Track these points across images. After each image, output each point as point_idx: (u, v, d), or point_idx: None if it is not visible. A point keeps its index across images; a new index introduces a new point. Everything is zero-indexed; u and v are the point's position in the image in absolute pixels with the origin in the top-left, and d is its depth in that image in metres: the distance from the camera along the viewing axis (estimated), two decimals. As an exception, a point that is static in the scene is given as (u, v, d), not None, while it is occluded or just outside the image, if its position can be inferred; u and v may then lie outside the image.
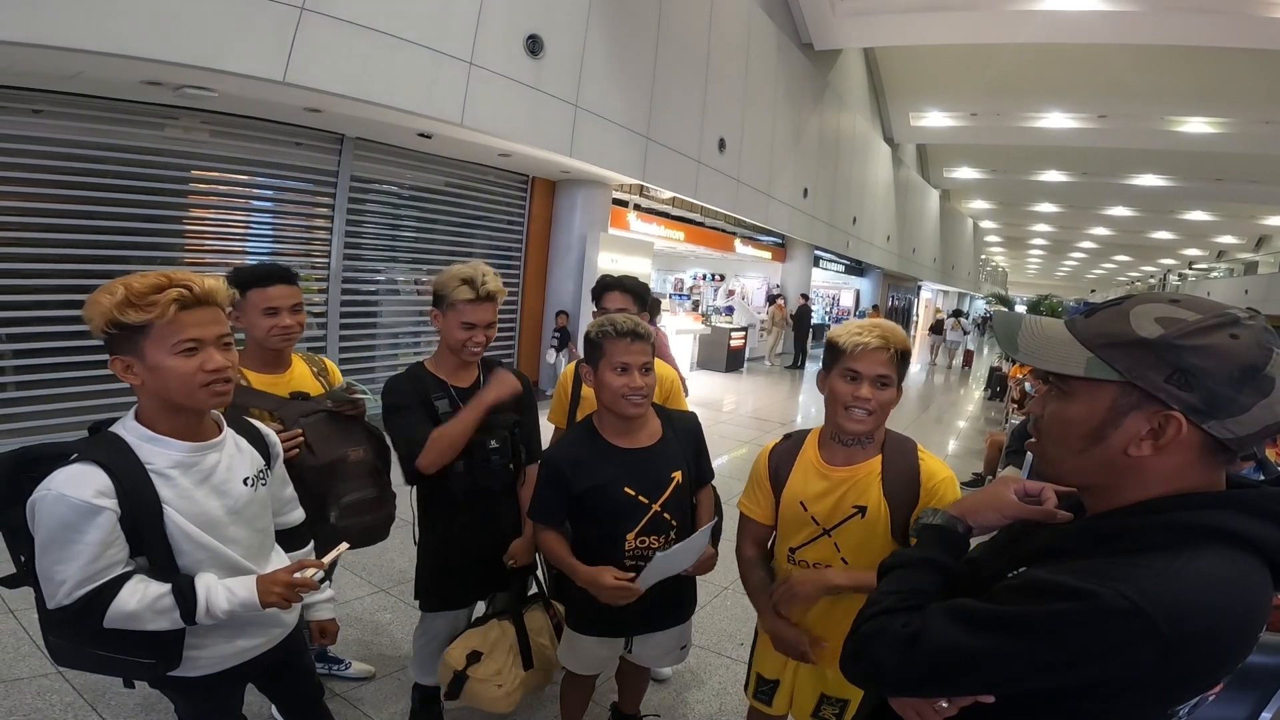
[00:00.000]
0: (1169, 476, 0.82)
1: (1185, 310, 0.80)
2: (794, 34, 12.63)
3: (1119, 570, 0.75)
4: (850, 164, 15.52)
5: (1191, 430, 0.78)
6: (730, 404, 9.74)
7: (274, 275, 2.08)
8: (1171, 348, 0.78)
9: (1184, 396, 0.77)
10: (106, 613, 1.23)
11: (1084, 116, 16.67)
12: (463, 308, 2.05)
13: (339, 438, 2.02)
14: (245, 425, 1.59)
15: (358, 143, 6.05)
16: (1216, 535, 0.77)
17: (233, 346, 1.38)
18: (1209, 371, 0.76)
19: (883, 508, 1.63)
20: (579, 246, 8.19)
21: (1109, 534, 0.83)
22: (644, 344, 1.81)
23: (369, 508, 2.03)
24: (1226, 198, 21.34)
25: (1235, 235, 28.57)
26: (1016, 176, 23.46)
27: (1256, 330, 0.77)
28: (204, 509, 1.35)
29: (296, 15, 4.17)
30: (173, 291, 1.25)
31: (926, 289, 30.66)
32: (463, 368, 2.18)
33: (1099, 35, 11.37)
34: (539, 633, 2.20)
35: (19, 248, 4.30)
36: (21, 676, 2.44)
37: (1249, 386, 0.75)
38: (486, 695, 2.06)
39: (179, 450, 1.34)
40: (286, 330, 2.06)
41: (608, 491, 1.83)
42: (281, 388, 2.08)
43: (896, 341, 1.61)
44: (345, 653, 2.73)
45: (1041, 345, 0.89)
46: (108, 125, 4.53)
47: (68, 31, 3.36)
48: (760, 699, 1.95)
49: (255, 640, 1.48)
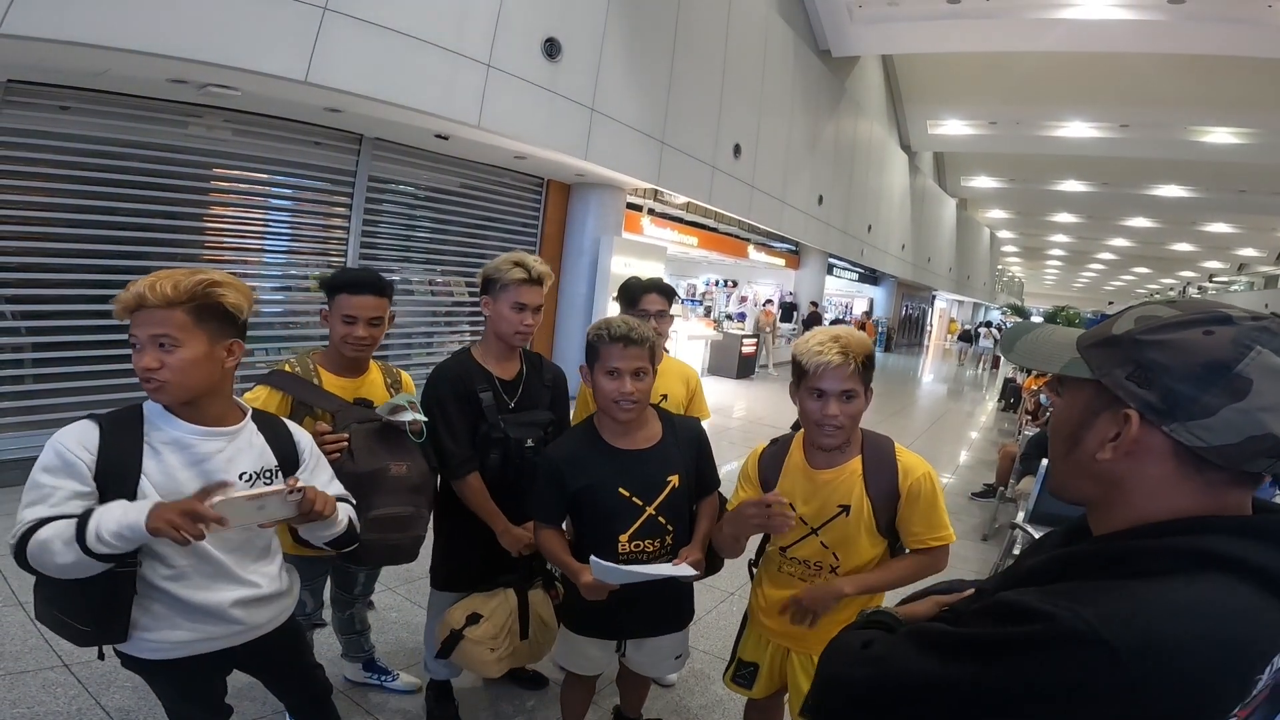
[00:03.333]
0: (1154, 492, 0.73)
1: (1174, 310, 0.73)
2: (811, 40, 12.63)
3: (1088, 594, 0.68)
4: (866, 171, 15.47)
5: (1153, 434, 0.71)
6: (741, 410, 9.72)
7: (364, 284, 2.07)
8: (1135, 343, 0.72)
9: (1140, 393, 0.71)
10: (28, 547, 1.26)
11: (1105, 126, 16.56)
12: (515, 289, 2.11)
13: (385, 449, 1.97)
14: (276, 424, 1.62)
15: (376, 143, 6.11)
16: (1219, 563, 0.67)
17: (177, 347, 1.36)
18: (1167, 367, 0.69)
19: (865, 505, 1.73)
20: (592, 250, 8.21)
21: (1098, 557, 0.76)
22: (638, 349, 1.81)
23: (399, 526, 1.95)
24: (1249, 209, 21.09)
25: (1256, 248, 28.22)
26: (1035, 186, 23.32)
27: (1241, 329, 0.68)
28: (183, 489, 1.38)
29: (319, 15, 4.23)
30: (126, 295, 1.35)
31: (941, 299, 30.46)
32: (508, 357, 2.23)
33: (1121, 44, 11.28)
34: (541, 606, 2.21)
35: (43, 242, 4.37)
36: (27, 669, 2.46)
37: (1215, 386, 0.67)
38: (478, 657, 2.10)
39: (180, 430, 1.42)
40: (359, 341, 2.08)
41: (600, 491, 1.85)
42: (350, 392, 2.11)
43: (857, 352, 1.66)
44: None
45: (1037, 346, 0.86)
46: (132, 123, 4.60)
47: (98, 29, 3.43)
48: (740, 682, 2.00)
49: (202, 632, 1.45)
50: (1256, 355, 0.66)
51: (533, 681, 2.67)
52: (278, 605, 1.60)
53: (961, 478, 6.99)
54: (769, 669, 1.95)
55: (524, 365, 2.28)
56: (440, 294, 7.15)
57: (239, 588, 1.49)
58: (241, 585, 1.49)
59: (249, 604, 1.50)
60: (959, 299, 31.83)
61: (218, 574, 1.46)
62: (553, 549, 1.90)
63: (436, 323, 7.27)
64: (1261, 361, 0.66)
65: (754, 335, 13.24)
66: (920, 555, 1.78)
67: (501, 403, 2.18)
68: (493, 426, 2.14)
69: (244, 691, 2.31)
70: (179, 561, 1.41)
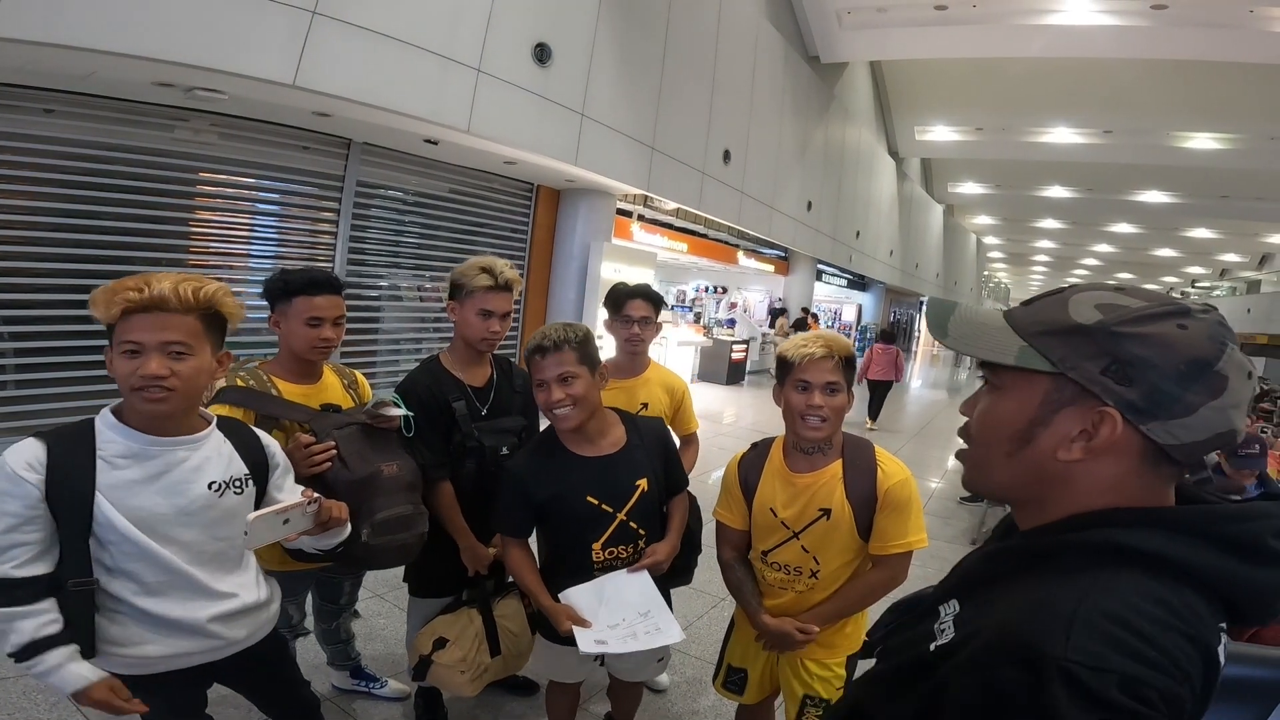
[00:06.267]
0: (1103, 489, 0.70)
1: (1129, 298, 0.70)
2: (801, 46, 12.70)
3: (994, 605, 0.66)
4: (855, 177, 15.55)
5: (1129, 433, 0.67)
6: (730, 416, 9.73)
7: (323, 284, 2.00)
8: (1110, 335, 0.68)
9: (1122, 391, 0.67)
10: None
11: (1089, 132, 16.72)
12: (481, 295, 2.08)
13: (373, 452, 1.93)
14: (243, 430, 1.57)
15: (364, 148, 6.08)
16: (1138, 559, 0.64)
17: (189, 356, 1.33)
18: (1152, 364, 0.65)
19: (845, 509, 1.73)
20: (582, 255, 8.19)
21: (1019, 555, 0.73)
22: (556, 354, 1.77)
23: (403, 525, 1.92)
24: (1231, 215, 21.34)
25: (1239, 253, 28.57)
26: (1021, 192, 23.50)
27: (1208, 323, 0.67)
28: (144, 504, 1.34)
29: (308, 19, 4.20)
30: (122, 294, 1.28)
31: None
32: (477, 363, 2.20)
33: (1105, 50, 11.41)
34: (509, 619, 2.18)
35: (27, 246, 4.32)
36: (8, 676, 2.41)
37: (1197, 384, 0.65)
38: (451, 680, 2.09)
39: (137, 441, 1.35)
40: (327, 343, 2.00)
41: (569, 500, 1.82)
42: (313, 399, 2.03)
43: (840, 349, 1.72)
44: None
45: (974, 331, 0.79)
46: (118, 126, 4.55)
47: (84, 32, 3.40)
48: (730, 688, 2.01)
49: (177, 648, 1.42)
50: (1231, 352, 0.65)
51: (523, 688, 2.65)
52: (257, 618, 1.55)
53: (950, 481, 7.01)
54: (759, 674, 1.95)
55: (494, 371, 2.26)
56: (428, 299, 7.12)
57: (216, 602, 1.44)
58: (218, 599, 1.45)
59: (227, 618, 1.46)
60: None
61: (192, 589, 1.41)
62: (521, 572, 1.87)
63: (424, 328, 7.23)
64: (1234, 358, 0.66)
65: (745, 341, 13.29)
66: (878, 572, 1.78)
67: (474, 410, 2.15)
68: (467, 435, 2.12)
69: (228, 698, 2.27)
70: (150, 578, 1.36)
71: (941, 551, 4.63)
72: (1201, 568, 0.64)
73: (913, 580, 1.58)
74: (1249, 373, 0.67)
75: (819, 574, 1.77)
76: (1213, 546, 0.65)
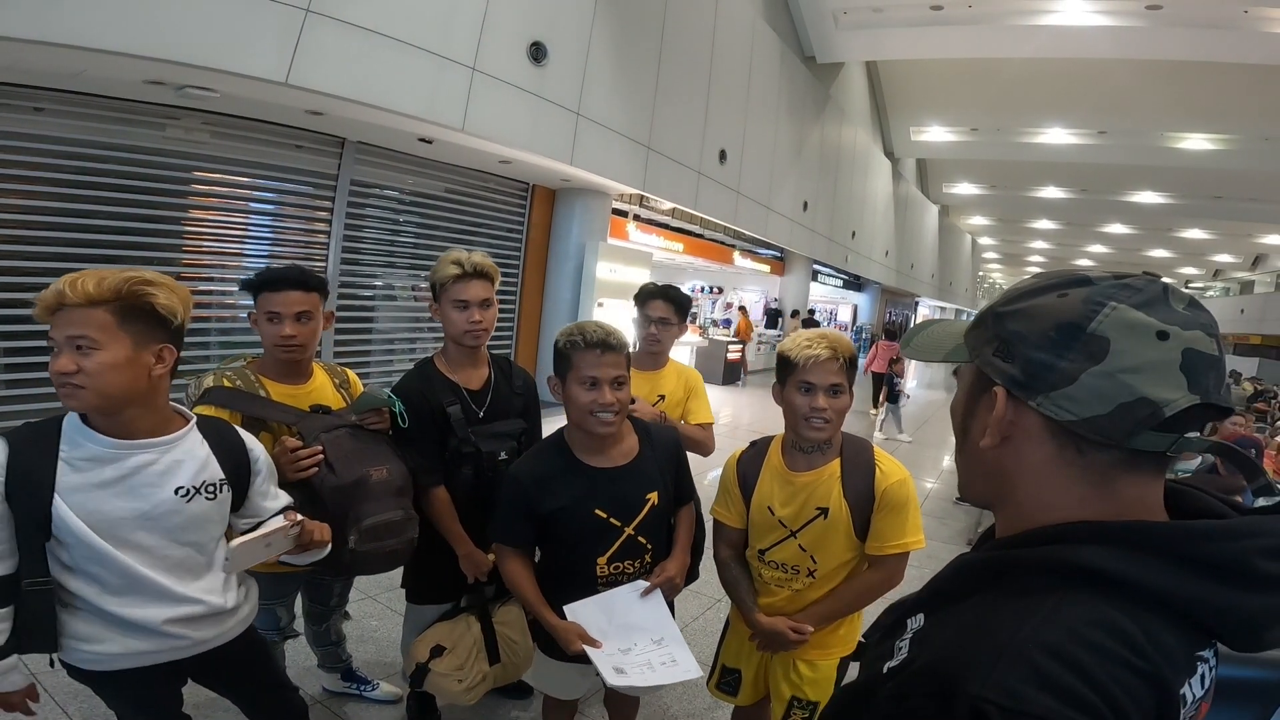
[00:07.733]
0: (1040, 483, 0.66)
1: (1035, 278, 0.69)
2: (797, 46, 12.71)
3: (946, 627, 0.63)
4: (850, 178, 15.58)
5: (1024, 411, 0.65)
6: (727, 416, 9.71)
7: (284, 279, 1.91)
8: (996, 316, 0.68)
9: (1004, 368, 0.66)
10: None
11: (1084, 132, 16.80)
12: (454, 286, 2.02)
13: (361, 455, 1.87)
14: (225, 432, 1.54)
15: (359, 147, 6.05)
16: (1095, 580, 0.58)
17: (95, 350, 1.27)
18: (1023, 336, 0.64)
19: (843, 508, 1.72)
20: (577, 255, 8.18)
21: (978, 570, 0.70)
22: (616, 355, 1.69)
23: (391, 531, 1.85)
24: (1225, 215, 21.44)
25: (1232, 254, 28.70)
26: (1015, 192, 23.57)
27: (1101, 287, 0.63)
28: (102, 508, 1.31)
29: (301, 17, 4.18)
30: (47, 294, 1.28)
31: (924, 305, 30.71)
32: (473, 364, 2.14)
33: (1101, 50, 11.46)
34: (509, 626, 2.14)
35: (17, 245, 4.28)
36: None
37: (1071, 350, 0.61)
38: (447, 688, 2.05)
39: (97, 444, 1.32)
40: (288, 340, 1.91)
41: (576, 513, 1.72)
42: (302, 400, 1.97)
43: (844, 350, 1.71)
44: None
45: (930, 339, 0.81)
46: (109, 124, 4.52)
47: (74, 30, 3.36)
48: (724, 689, 2.00)
49: (132, 647, 1.38)
50: (1110, 311, 0.61)
51: (518, 691, 2.63)
52: (224, 623, 1.51)
53: (946, 482, 7.01)
54: (753, 675, 1.93)
55: (492, 371, 2.18)
56: (423, 299, 7.10)
57: (176, 606, 1.40)
58: (179, 603, 1.40)
59: (187, 621, 1.42)
60: (941, 305, 32.09)
61: (153, 593, 1.37)
62: (520, 586, 1.78)
63: (419, 329, 7.21)
64: (1117, 318, 0.60)
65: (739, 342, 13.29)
66: (874, 572, 1.76)
67: (470, 413, 2.08)
68: (463, 441, 2.05)
69: (217, 701, 2.25)
70: (111, 580, 1.34)
71: (938, 552, 4.62)
72: (1170, 592, 0.57)
73: (909, 581, 1.56)
74: (1159, 332, 0.60)
75: (816, 573, 1.76)
76: (1187, 568, 0.58)
